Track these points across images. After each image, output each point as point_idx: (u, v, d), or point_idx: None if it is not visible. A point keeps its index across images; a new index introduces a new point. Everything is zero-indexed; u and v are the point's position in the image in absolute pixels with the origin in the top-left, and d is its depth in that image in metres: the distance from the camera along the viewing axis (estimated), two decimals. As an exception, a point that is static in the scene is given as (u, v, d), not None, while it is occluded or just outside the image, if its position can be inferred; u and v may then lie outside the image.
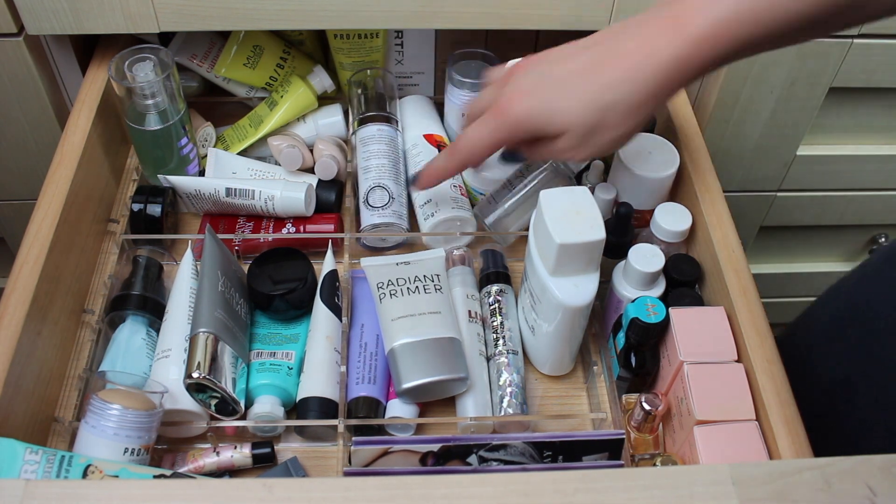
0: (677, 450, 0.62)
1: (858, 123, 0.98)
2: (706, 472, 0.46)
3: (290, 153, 0.78)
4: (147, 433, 0.58)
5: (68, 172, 0.70)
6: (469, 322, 0.70)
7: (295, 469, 0.63)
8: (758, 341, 0.62)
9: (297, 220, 0.78)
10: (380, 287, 0.70)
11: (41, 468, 0.54)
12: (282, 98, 0.81)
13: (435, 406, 0.69)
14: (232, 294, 0.67)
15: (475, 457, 0.58)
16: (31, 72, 0.78)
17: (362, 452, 0.58)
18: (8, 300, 0.61)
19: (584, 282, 0.63)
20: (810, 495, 0.44)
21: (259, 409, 0.64)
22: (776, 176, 1.02)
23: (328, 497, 0.44)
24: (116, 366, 0.65)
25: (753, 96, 0.90)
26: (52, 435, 0.63)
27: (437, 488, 0.45)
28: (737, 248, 0.68)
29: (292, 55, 0.84)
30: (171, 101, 0.73)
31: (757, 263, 1.18)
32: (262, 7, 0.73)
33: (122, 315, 0.68)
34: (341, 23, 0.74)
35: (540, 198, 0.62)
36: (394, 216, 0.75)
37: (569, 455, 0.60)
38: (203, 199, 0.77)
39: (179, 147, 0.76)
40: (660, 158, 0.73)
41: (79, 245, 0.71)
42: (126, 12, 0.72)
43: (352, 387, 0.66)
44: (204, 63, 0.82)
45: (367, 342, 0.69)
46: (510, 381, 0.67)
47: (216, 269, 0.66)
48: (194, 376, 0.60)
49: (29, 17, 0.72)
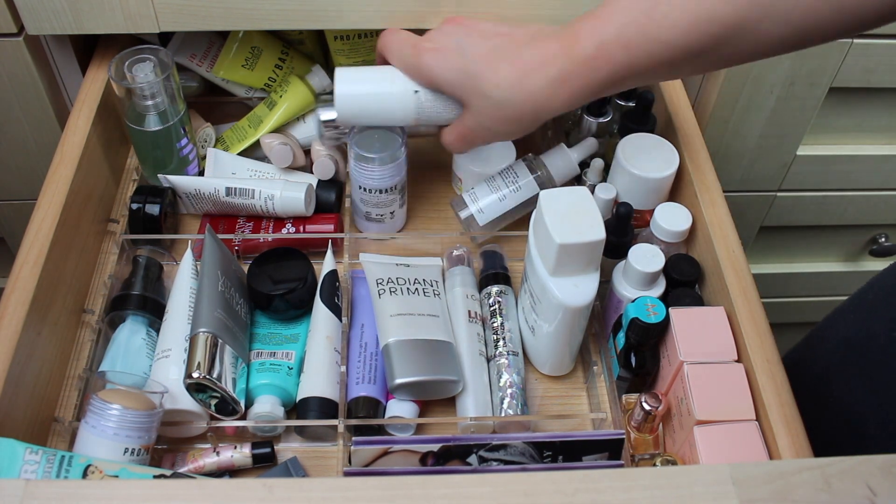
0: (677, 450, 0.62)
1: (858, 123, 0.98)
2: (706, 472, 0.46)
3: (281, 150, 0.78)
4: (147, 433, 0.58)
5: (68, 172, 0.70)
6: (469, 322, 0.70)
7: (295, 469, 0.63)
8: (758, 341, 0.62)
9: (297, 220, 0.78)
10: (379, 283, 0.70)
11: (41, 468, 0.54)
12: (281, 98, 0.81)
13: (435, 406, 0.69)
14: (232, 294, 0.67)
15: (475, 457, 0.58)
16: (31, 72, 0.78)
17: (362, 452, 0.58)
18: (8, 300, 0.61)
19: (584, 282, 0.63)
20: (810, 495, 0.44)
21: (259, 408, 0.64)
22: (776, 176, 1.02)
23: (328, 497, 0.44)
24: (116, 366, 0.65)
25: (753, 96, 0.90)
26: (52, 435, 0.63)
27: (437, 488, 0.45)
28: (737, 248, 0.68)
29: (290, 55, 0.84)
30: (171, 101, 0.73)
31: (757, 263, 1.19)
32: (262, 7, 0.73)
33: (122, 315, 0.68)
34: (341, 23, 0.74)
35: (540, 198, 0.62)
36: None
37: (569, 455, 0.60)
38: (203, 199, 0.77)
39: (179, 148, 0.76)
40: (660, 158, 0.73)
41: (79, 245, 0.71)
42: (126, 12, 0.72)
43: (352, 387, 0.66)
44: (203, 63, 0.82)
45: (368, 342, 0.69)
46: (510, 381, 0.67)
47: (216, 268, 0.66)
48: (194, 376, 0.60)
49: (29, 17, 0.72)
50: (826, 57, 0.87)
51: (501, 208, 0.76)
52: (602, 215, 0.62)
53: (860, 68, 0.89)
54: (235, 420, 0.64)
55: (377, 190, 0.73)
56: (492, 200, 0.76)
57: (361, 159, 0.72)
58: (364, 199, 0.75)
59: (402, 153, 0.73)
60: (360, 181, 0.74)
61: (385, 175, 0.73)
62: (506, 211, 0.76)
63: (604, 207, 0.73)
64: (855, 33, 0.56)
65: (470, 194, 0.77)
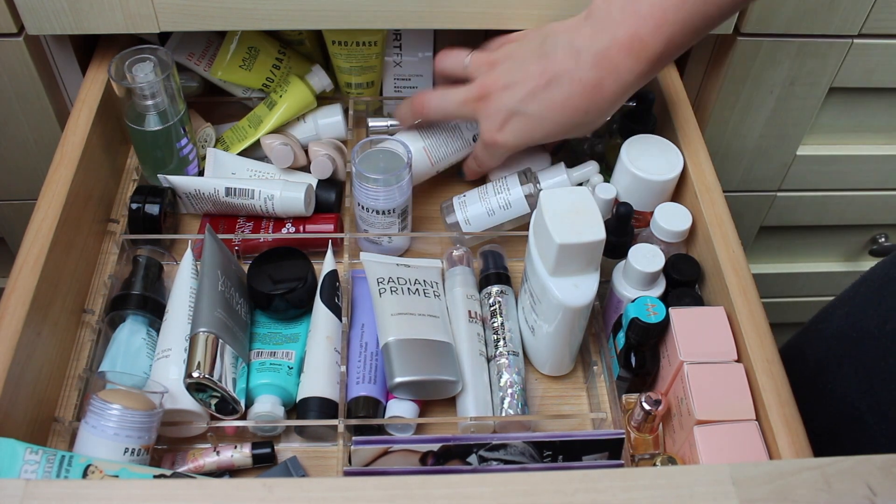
0: (677, 450, 0.62)
1: (858, 123, 0.98)
2: (706, 472, 0.46)
3: (282, 151, 0.78)
4: (147, 433, 0.58)
5: (68, 172, 0.70)
6: (469, 322, 0.70)
7: (295, 469, 0.63)
8: (758, 341, 0.62)
9: (297, 220, 0.78)
10: (380, 282, 0.70)
11: (41, 468, 0.54)
12: (280, 98, 0.81)
13: (435, 406, 0.69)
14: (232, 294, 0.67)
15: (475, 456, 0.58)
16: (31, 72, 0.78)
17: (362, 452, 0.58)
18: (8, 300, 0.61)
19: (584, 282, 0.63)
20: (810, 495, 0.44)
21: (259, 408, 0.64)
22: (776, 176, 1.02)
23: (328, 497, 0.44)
24: (116, 365, 0.65)
25: (753, 96, 0.90)
26: (52, 435, 0.63)
27: (437, 488, 0.45)
28: (737, 248, 0.68)
29: (288, 56, 0.84)
30: (171, 101, 0.73)
31: (757, 263, 1.19)
32: (262, 7, 0.73)
33: (122, 315, 0.68)
34: (340, 23, 0.74)
35: (540, 198, 0.62)
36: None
37: (569, 455, 0.60)
38: (203, 199, 0.77)
39: (179, 147, 0.76)
40: (664, 161, 0.73)
41: (79, 245, 0.71)
42: (126, 12, 0.72)
43: (352, 386, 0.66)
44: (201, 62, 0.82)
45: (368, 342, 0.69)
46: (511, 381, 0.67)
47: (216, 268, 0.66)
48: (194, 376, 0.60)
49: (29, 17, 0.72)
50: (826, 57, 0.87)
51: (489, 223, 0.76)
52: (602, 215, 0.62)
53: (860, 68, 0.89)
54: (235, 420, 0.64)
55: (374, 210, 0.73)
56: (480, 213, 0.76)
57: (360, 177, 0.71)
58: (362, 217, 0.75)
59: (406, 176, 0.72)
60: (357, 198, 0.74)
61: (380, 196, 0.72)
62: (493, 226, 0.76)
63: (604, 207, 0.73)
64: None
65: (460, 201, 0.77)
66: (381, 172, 0.71)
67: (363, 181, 0.71)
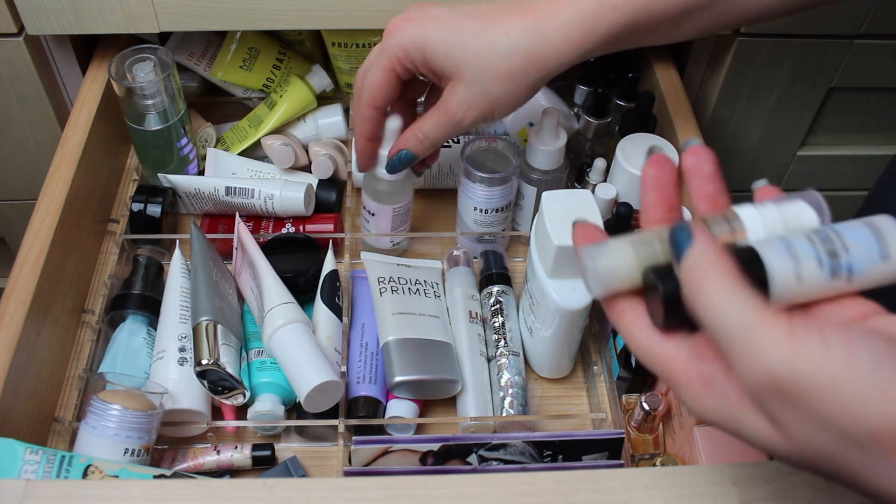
0: (677, 450, 0.62)
1: (858, 123, 0.98)
2: (706, 472, 0.46)
3: (283, 151, 0.78)
4: (147, 434, 0.58)
5: (68, 172, 0.70)
6: (470, 322, 0.70)
7: (295, 469, 0.63)
8: (758, 341, 0.62)
9: (297, 219, 0.78)
10: (381, 281, 0.70)
11: (41, 468, 0.54)
12: (281, 98, 0.81)
13: (435, 406, 0.69)
14: (224, 286, 0.67)
15: (475, 456, 0.59)
16: (31, 72, 0.78)
17: (362, 452, 0.58)
18: (8, 300, 0.61)
19: (582, 285, 0.63)
20: (810, 495, 0.44)
21: (260, 407, 0.64)
22: (776, 176, 1.02)
23: (328, 497, 0.44)
24: (117, 365, 0.65)
25: (753, 96, 0.90)
26: (52, 435, 0.63)
27: (437, 488, 0.45)
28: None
29: (288, 56, 0.84)
30: (171, 101, 0.73)
31: (757, 263, 1.18)
32: (262, 7, 0.73)
33: (122, 314, 0.68)
34: (340, 23, 0.74)
35: (542, 200, 0.62)
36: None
37: (569, 455, 0.60)
38: (203, 198, 0.77)
39: (179, 147, 0.76)
40: None
41: (79, 245, 0.71)
42: (126, 12, 0.72)
43: (352, 386, 0.66)
44: (201, 62, 0.82)
45: (368, 342, 0.69)
46: (511, 381, 0.67)
47: (207, 260, 0.67)
48: (203, 363, 0.60)
49: (29, 17, 0.72)
50: (826, 57, 0.87)
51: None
52: (602, 215, 0.62)
53: (860, 68, 0.89)
54: (235, 420, 0.64)
55: (494, 210, 0.73)
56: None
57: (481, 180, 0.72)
58: (476, 220, 0.75)
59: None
60: (475, 202, 0.74)
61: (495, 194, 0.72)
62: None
63: (604, 207, 0.73)
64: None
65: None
66: (489, 172, 0.71)
67: (486, 184, 0.71)
